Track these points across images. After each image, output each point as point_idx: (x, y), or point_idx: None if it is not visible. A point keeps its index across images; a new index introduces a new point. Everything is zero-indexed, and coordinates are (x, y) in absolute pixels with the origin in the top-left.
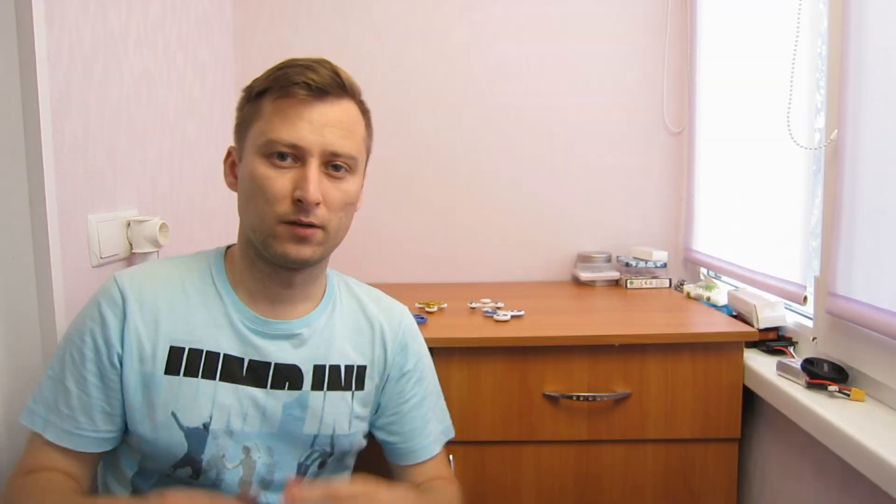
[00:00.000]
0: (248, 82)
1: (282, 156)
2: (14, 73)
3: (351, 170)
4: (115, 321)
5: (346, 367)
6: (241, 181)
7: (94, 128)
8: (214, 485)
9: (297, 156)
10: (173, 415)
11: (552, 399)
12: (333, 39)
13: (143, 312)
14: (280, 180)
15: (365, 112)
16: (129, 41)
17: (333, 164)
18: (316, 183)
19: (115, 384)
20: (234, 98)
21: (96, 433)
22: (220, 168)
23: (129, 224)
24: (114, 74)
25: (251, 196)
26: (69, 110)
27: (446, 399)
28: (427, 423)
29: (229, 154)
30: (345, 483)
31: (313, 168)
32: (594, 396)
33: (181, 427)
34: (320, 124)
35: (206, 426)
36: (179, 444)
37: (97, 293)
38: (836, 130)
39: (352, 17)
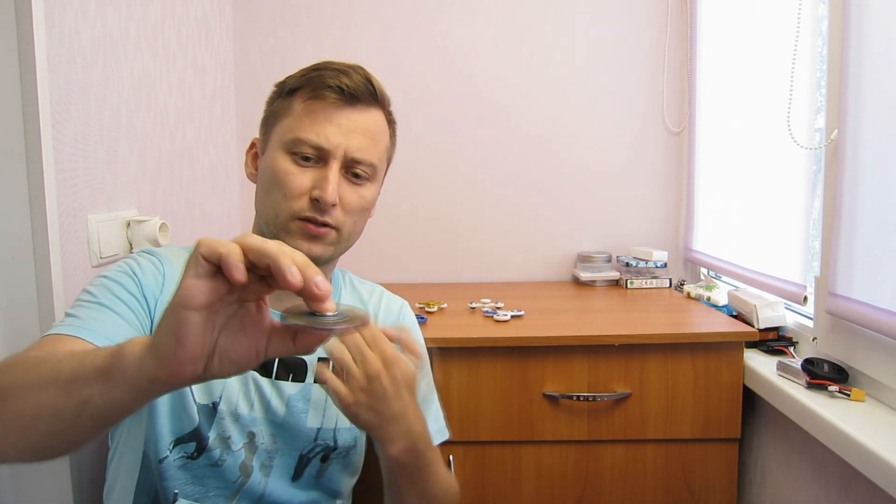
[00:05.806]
0: (247, 84)
1: (305, 155)
2: (14, 74)
3: (370, 177)
4: (155, 269)
5: None
6: (261, 173)
7: (94, 128)
8: (216, 465)
9: (321, 157)
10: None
11: (552, 399)
12: (333, 42)
13: (173, 279)
14: (300, 177)
15: (391, 122)
16: (129, 43)
17: (354, 171)
18: (335, 184)
19: (147, 322)
20: (234, 100)
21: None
22: (220, 169)
23: (128, 224)
24: (113, 76)
25: (269, 189)
26: (69, 111)
27: (446, 400)
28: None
29: (253, 145)
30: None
31: (334, 170)
32: (594, 396)
33: (194, 400)
34: (347, 129)
35: (214, 405)
36: (192, 416)
37: (127, 256)
38: (836, 130)
39: (352, 20)
